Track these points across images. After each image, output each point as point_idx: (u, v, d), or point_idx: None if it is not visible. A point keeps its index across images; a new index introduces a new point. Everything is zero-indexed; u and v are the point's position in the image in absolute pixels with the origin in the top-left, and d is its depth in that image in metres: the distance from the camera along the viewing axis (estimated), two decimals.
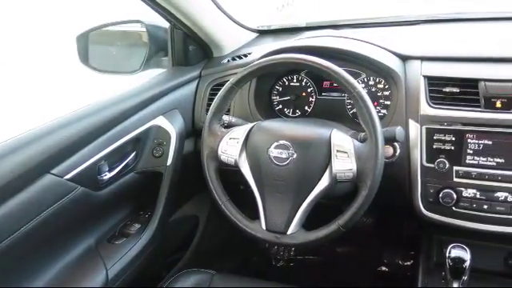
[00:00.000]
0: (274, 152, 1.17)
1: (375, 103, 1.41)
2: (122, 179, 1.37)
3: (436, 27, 1.64)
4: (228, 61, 1.65)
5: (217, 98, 1.25)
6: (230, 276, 1.39)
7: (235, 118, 1.36)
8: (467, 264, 1.09)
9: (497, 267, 1.35)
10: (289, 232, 1.16)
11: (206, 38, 1.58)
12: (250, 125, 1.26)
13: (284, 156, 1.16)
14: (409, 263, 1.94)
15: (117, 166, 1.34)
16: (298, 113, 1.54)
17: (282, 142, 1.17)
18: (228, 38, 1.69)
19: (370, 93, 1.42)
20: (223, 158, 1.24)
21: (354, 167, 1.11)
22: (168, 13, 1.39)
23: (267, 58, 1.22)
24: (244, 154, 1.23)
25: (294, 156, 1.16)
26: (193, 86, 1.59)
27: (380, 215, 1.94)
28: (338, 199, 1.27)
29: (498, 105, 1.19)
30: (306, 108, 1.53)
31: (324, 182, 1.15)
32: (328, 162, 1.14)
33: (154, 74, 1.62)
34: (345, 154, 1.13)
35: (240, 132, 1.24)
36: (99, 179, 1.27)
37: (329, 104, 1.51)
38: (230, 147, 1.23)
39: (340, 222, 1.12)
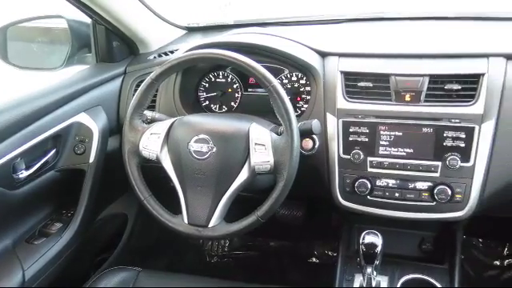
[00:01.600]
0: (194, 146, 1.18)
1: (298, 98, 1.46)
2: (41, 177, 1.33)
3: (357, 26, 1.71)
4: (154, 57, 1.64)
5: (137, 94, 1.24)
6: (156, 273, 1.38)
7: (159, 113, 1.35)
8: (379, 249, 1.15)
9: (412, 252, 1.43)
10: (210, 225, 1.18)
11: (131, 34, 1.57)
12: (171, 120, 1.26)
13: (204, 150, 1.18)
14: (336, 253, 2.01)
15: (35, 164, 1.30)
16: (225, 108, 1.56)
17: (201, 136, 1.19)
18: (154, 34, 1.68)
19: (292, 88, 1.46)
20: (144, 153, 1.23)
21: (272, 159, 1.14)
22: (87, 7, 1.37)
23: (185, 53, 1.22)
24: (165, 149, 1.23)
25: (214, 150, 1.17)
26: (117, 82, 1.57)
27: (309, 208, 2.00)
28: (261, 192, 1.29)
29: (408, 98, 1.26)
30: (233, 104, 1.55)
31: (243, 175, 1.17)
32: (247, 154, 1.16)
33: (77, 70, 1.58)
34: (262, 146, 1.15)
35: (161, 127, 1.24)
36: (15, 178, 1.23)
37: (254, 99, 1.54)
38: (151, 142, 1.23)
39: (259, 213, 1.15)
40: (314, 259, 2.13)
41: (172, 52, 1.64)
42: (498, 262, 2.01)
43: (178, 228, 1.21)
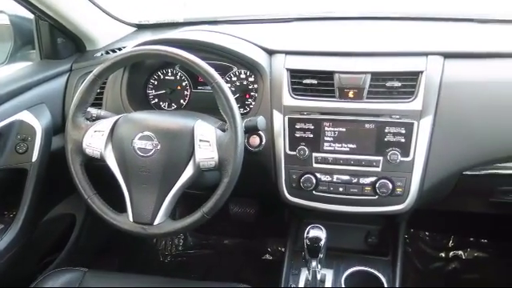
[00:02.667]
0: (138, 143, 1.17)
1: (246, 95, 1.47)
2: None
3: (305, 25, 1.74)
4: (102, 54, 1.62)
5: (79, 91, 1.22)
6: (103, 273, 1.36)
7: (105, 111, 1.34)
8: (323, 243, 1.17)
9: (358, 246, 1.47)
10: (156, 222, 1.17)
11: (76, 31, 1.54)
12: (115, 117, 1.25)
13: (148, 147, 1.17)
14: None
15: None
16: (174, 106, 1.55)
17: (146, 133, 1.18)
18: (102, 31, 1.66)
19: (241, 86, 1.47)
20: (88, 151, 1.21)
21: (216, 156, 1.15)
22: (27, 2, 1.34)
23: (129, 50, 1.21)
24: (109, 147, 1.21)
25: (159, 147, 1.17)
26: (63, 79, 1.53)
27: (262, 205, 2.02)
28: (209, 189, 1.29)
29: (351, 95, 1.29)
30: (182, 101, 1.54)
31: (189, 172, 1.17)
32: (192, 151, 1.16)
33: (20, 67, 1.54)
34: (207, 143, 1.16)
35: (105, 124, 1.23)
36: None
37: (204, 97, 1.54)
38: (95, 140, 1.21)
39: (204, 210, 1.15)
40: (267, 256, 2.15)
41: (120, 49, 1.62)
42: (443, 254, 2.09)
43: (122, 226, 1.19)
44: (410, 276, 2.00)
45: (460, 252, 2.08)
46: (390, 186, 1.24)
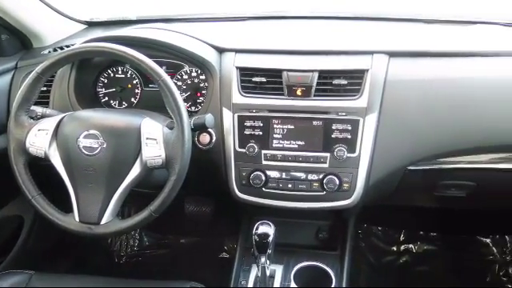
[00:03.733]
0: (83, 142, 1.16)
1: (198, 93, 1.47)
2: None
3: (258, 23, 1.75)
4: (49, 52, 1.58)
5: (22, 88, 1.20)
6: (51, 275, 1.33)
7: (50, 109, 1.31)
8: (271, 239, 1.18)
9: (309, 241, 1.49)
10: (103, 222, 1.16)
11: (21, 27, 1.50)
12: (60, 115, 1.23)
13: (94, 145, 1.16)
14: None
15: None
16: (125, 104, 1.53)
17: (91, 131, 1.16)
18: (49, 28, 1.62)
19: (192, 84, 1.47)
20: (32, 150, 1.19)
21: (163, 153, 1.15)
22: None
23: (71, 48, 1.20)
24: (54, 146, 1.19)
25: (104, 145, 1.15)
26: (7, 78, 1.49)
27: (218, 203, 2.02)
28: (159, 188, 1.29)
29: (299, 93, 1.31)
30: (133, 100, 1.53)
31: (136, 170, 1.16)
32: (138, 149, 1.16)
33: None
34: (154, 141, 1.15)
35: (50, 123, 1.20)
36: None
37: (155, 95, 1.51)
38: (39, 139, 1.19)
39: (152, 208, 1.15)
40: (224, 254, 2.15)
41: (68, 47, 1.58)
42: (395, 248, 2.15)
43: (68, 226, 1.18)
44: (363, 269, 2.05)
45: (411, 246, 2.14)
46: (337, 181, 1.27)
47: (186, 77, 1.47)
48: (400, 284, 2.01)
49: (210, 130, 1.32)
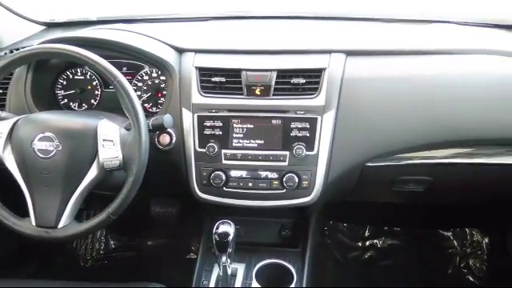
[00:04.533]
0: (38, 144, 1.14)
1: (159, 94, 1.47)
2: None
3: (220, 24, 1.75)
4: (5, 53, 1.55)
5: None
6: (11, 281, 1.31)
7: (5, 112, 1.28)
8: (231, 238, 1.19)
9: (273, 239, 1.51)
10: (60, 225, 1.15)
11: None
12: (15, 118, 1.21)
13: (49, 148, 1.14)
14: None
15: None
16: (85, 106, 1.52)
17: (46, 133, 1.15)
18: (6, 29, 1.59)
19: (153, 84, 1.46)
20: None
21: (120, 155, 1.14)
22: None
23: (25, 49, 1.18)
24: (8, 149, 1.17)
25: (60, 148, 1.14)
26: None
27: (184, 204, 2.01)
28: (118, 189, 1.28)
29: (258, 92, 1.32)
30: (93, 101, 1.51)
31: (93, 172, 1.15)
32: (95, 151, 1.15)
33: None
34: (111, 142, 1.15)
35: (4, 126, 1.18)
36: None
37: (115, 97, 1.50)
38: None
39: (110, 210, 1.14)
40: (191, 255, 2.15)
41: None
42: (360, 244, 2.18)
43: (24, 231, 1.16)
44: (328, 266, 2.08)
45: (375, 241, 2.19)
46: (297, 179, 1.28)
47: (146, 77, 1.47)
48: (365, 279, 2.04)
49: (169, 130, 1.32)
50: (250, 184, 1.31)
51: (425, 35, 1.56)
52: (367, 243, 2.19)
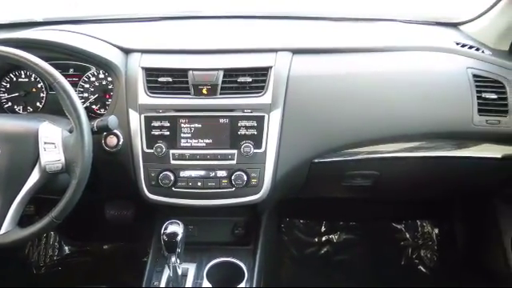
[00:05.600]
0: None
1: (106, 95, 1.44)
2: None
3: (170, 23, 1.74)
4: None
5: None
6: None
7: None
8: (179, 238, 1.19)
9: (226, 238, 1.51)
10: (1, 231, 1.12)
11: None
12: None
13: None
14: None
15: None
16: (30, 109, 1.48)
17: None
18: None
19: (100, 86, 1.44)
20: None
21: (62, 158, 1.12)
22: None
23: None
24: None
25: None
26: None
27: (140, 206, 1.99)
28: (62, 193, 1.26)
29: (205, 91, 1.32)
30: (38, 104, 1.48)
31: (35, 176, 1.13)
32: (37, 155, 1.13)
33: None
34: (52, 145, 1.13)
35: None
36: None
37: None
38: None
39: (53, 215, 1.12)
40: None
41: None
42: (316, 239, 2.22)
43: None
44: (285, 263, 2.10)
45: (331, 236, 2.22)
46: (245, 177, 1.29)
47: (93, 79, 1.44)
48: (321, 273, 2.07)
49: (116, 131, 1.31)
50: (199, 183, 1.31)
51: (369, 33, 1.60)
52: (323, 238, 2.22)
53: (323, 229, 2.24)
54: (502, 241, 1.65)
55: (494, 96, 1.38)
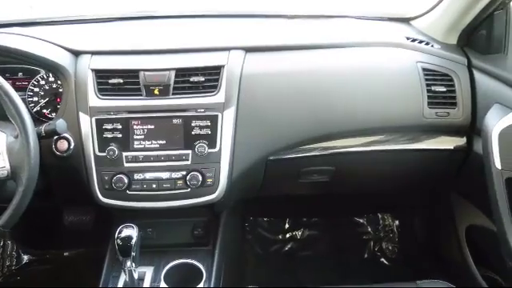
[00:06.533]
0: None
1: (58, 99, 1.41)
2: None
3: (124, 24, 1.71)
4: None
5: None
6: None
7: None
8: (134, 241, 1.17)
9: (185, 239, 1.49)
10: None
11: None
12: None
13: None
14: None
15: None
16: None
17: None
18: None
19: (50, 89, 1.41)
20: None
21: (7, 164, 1.09)
22: None
23: None
24: None
25: None
26: None
27: (97, 211, 1.95)
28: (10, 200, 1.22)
29: (157, 92, 1.31)
30: None
31: None
32: None
33: None
34: None
35: None
36: None
37: None
38: None
39: (0, 223, 1.08)
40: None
41: None
42: (280, 237, 2.23)
43: None
44: (250, 261, 2.10)
45: (295, 233, 2.24)
46: (200, 177, 1.28)
47: (43, 82, 1.41)
48: (286, 270, 2.08)
49: (66, 135, 1.28)
50: (154, 185, 1.30)
51: (323, 30, 1.61)
52: (287, 235, 2.23)
53: (287, 226, 2.25)
54: (457, 231, 1.69)
55: (442, 89, 1.42)
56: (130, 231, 1.18)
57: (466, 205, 1.63)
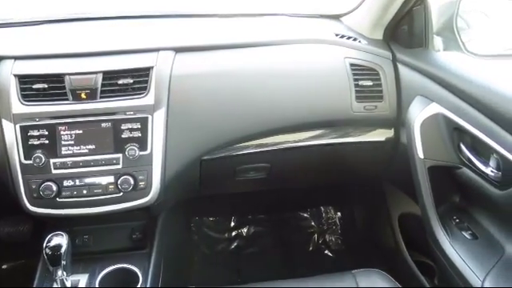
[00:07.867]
0: None
1: None
2: None
3: (52, 27, 1.66)
4: None
5: None
6: None
7: None
8: (64, 250, 1.14)
9: (123, 244, 1.47)
10: None
11: None
12: None
13: None
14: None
15: None
16: None
17: None
18: None
19: None
20: None
21: None
22: None
23: None
24: None
25: None
26: None
27: (34, 220, 1.89)
28: None
29: (84, 96, 1.28)
30: None
31: None
32: None
33: None
34: None
35: None
36: None
37: None
38: None
39: None
40: None
41: None
42: (226, 235, 2.23)
43: None
44: (195, 261, 2.10)
45: (241, 230, 2.25)
46: (132, 181, 1.27)
47: None
48: (232, 268, 2.09)
49: None
50: (85, 191, 1.27)
51: (254, 28, 1.63)
52: (233, 233, 2.24)
53: (232, 224, 2.26)
54: (391, 219, 1.75)
55: (369, 83, 1.46)
56: (60, 239, 1.16)
57: (398, 194, 1.69)
